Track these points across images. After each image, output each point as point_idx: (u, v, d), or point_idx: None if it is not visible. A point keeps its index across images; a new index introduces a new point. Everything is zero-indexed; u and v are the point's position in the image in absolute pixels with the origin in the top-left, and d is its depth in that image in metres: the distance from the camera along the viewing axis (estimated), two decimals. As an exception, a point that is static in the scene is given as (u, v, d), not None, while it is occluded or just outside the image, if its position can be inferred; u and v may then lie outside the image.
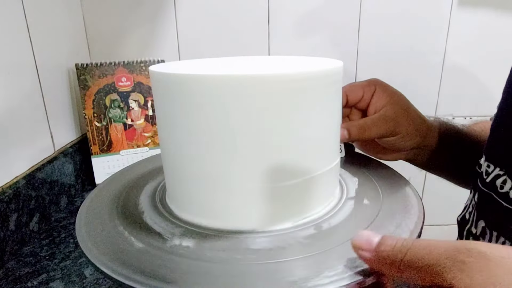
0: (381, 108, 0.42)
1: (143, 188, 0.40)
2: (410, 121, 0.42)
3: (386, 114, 0.41)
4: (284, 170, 0.30)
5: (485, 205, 0.40)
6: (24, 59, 0.60)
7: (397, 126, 0.41)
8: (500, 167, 0.38)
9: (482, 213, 0.40)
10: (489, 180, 0.39)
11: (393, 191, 0.38)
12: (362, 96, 0.43)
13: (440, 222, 1.02)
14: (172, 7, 0.82)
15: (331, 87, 0.32)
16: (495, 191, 0.38)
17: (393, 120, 0.41)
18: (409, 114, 0.43)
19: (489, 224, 0.39)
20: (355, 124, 0.40)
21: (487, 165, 0.40)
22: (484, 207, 0.40)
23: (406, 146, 0.43)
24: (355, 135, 0.40)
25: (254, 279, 0.25)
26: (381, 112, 0.42)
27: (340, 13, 0.84)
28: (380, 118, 0.41)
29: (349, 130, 0.40)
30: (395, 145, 0.43)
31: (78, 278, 0.48)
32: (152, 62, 0.76)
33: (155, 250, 0.29)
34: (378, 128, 0.41)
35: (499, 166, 0.38)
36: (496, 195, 0.37)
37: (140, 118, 0.77)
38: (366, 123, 0.41)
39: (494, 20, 0.84)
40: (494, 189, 0.38)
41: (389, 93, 0.43)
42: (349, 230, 0.31)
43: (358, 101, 0.43)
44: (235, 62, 0.39)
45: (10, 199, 0.52)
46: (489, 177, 0.39)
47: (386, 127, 0.41)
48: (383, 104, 0.42)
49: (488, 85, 0.89)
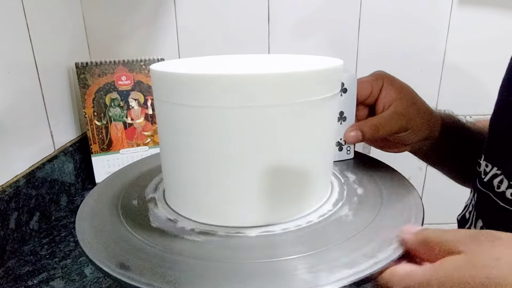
0: (390, 104, 0.41)
1: (143, 187, 0.40)
2: (420, 115, 0.42)
3: (397, 111, 0.41)
4: (283, 168, 0.31)
5: (483, 205, 0.40)
6: (24, 58, 0.60)
7: (408, 122, 0.41)
8: (497, 167, 0.38)
9: (480, 212, 0.40)
10: (487, 180, 0.39)
11: (393, 190, 0.38)
12: (371, 92, 0.42)
13: (440, 222, 1.02)
14: (172, 5, 0.82)
15: (331, 86, 0.32)
16: (492, 190, 0.38)
17: (404, 116, 0.41)
18: (419, 108, 0.42)
19: (486, 223, 0.39)
20: (368, 125, 0.40)
21: (486, 164, 0.40)
22: (482, 206, 0.40)
23: (415, 139, 0.44)
24: (369, 135, 0.40)
25: (255, 277, 0.25)
26: (391, 109, 0.41)
27: (340, 12, 0.84)
28: (393, 115, 0.40)
29: (363, 131, 0.39)
30: (404, 139, 0.43)
31: (79, 276, 0.48)
32: (152, 61, 0.76)
33: (155, 248, 0.29)
34: (391, 126, 0.40)
35: (496, 165, 0.38)
36: (493, 194, 0.37)
37: (140, 117, 0.77)
38: (379, 123, 0.40)
39: (494, 19, 0.84)
40: (491, 188, 0.38)
41: (397, 87, 0.42)
42: (348, 229, 0.31)
43: (366, 98, 0.43)
44: (235, 61, 0.39)
45: (10, 198, 0.52)
46: (487, 176, 0.39)
47: (398, 124, 0.40)
48: (392, 99, 0.41)
49: (488, 84, 0.89)
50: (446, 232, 0.25)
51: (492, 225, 0.38)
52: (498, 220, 0.37)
